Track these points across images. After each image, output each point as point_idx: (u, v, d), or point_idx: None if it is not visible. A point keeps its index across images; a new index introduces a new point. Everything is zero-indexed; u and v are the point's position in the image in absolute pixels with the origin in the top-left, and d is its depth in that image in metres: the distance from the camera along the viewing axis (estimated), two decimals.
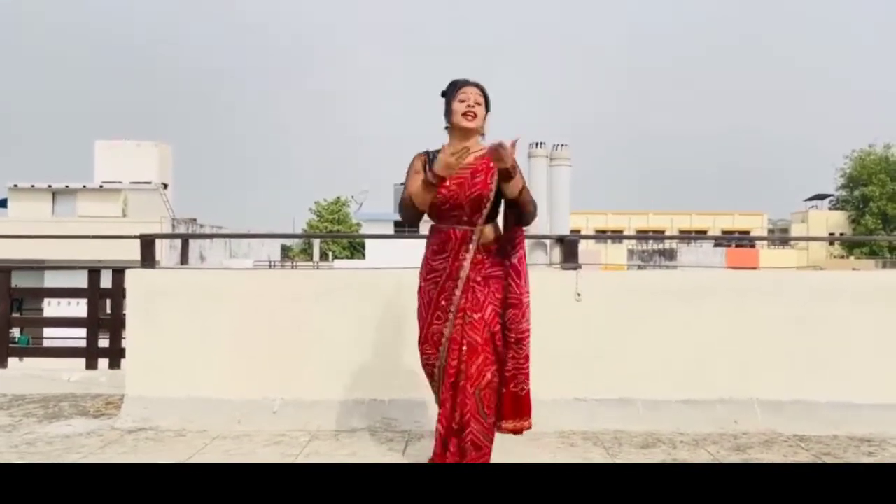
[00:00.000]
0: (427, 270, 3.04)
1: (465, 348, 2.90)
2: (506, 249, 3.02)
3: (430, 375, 3.10)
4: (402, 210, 2.99)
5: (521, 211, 2.94)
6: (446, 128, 3.02)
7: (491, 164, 2.87)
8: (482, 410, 2.87)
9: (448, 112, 2.98)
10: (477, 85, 2.98)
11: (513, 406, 2.98)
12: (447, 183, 2.88)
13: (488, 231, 2.97)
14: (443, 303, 2.96)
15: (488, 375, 2.88)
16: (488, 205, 2.92)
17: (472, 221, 2.94)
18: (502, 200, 3.00)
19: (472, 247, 2.93)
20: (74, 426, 4.07)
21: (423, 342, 3.08)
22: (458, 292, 2.92)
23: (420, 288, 3.10)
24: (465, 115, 2.91)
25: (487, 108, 2.99)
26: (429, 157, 2.97)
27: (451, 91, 2.98)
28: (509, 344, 2.97)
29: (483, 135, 3.02)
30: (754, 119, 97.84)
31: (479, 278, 2.94)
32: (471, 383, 2.88)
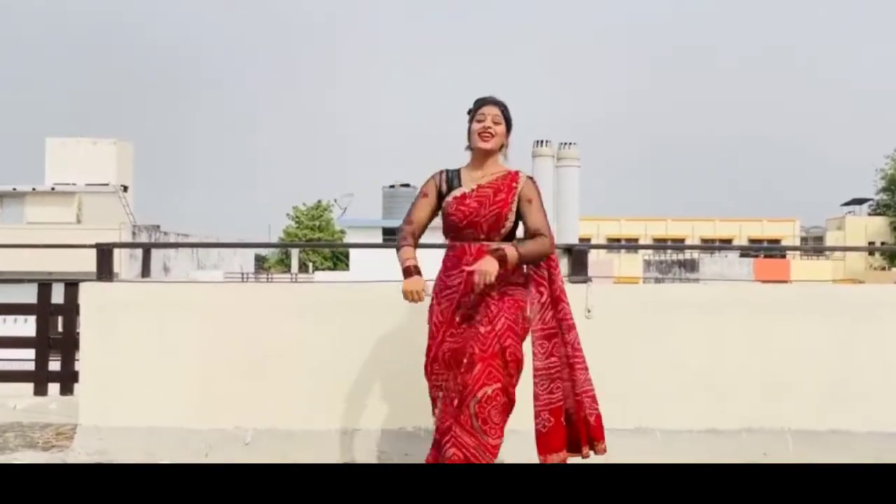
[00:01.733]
0: (441, 287, 3.22)
1: (465, 360, 3.04)
2: (540, 270, 3.27)
3: (435, 399, 3.20)
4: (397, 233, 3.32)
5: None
6: (467, 148, 3.27)
7: (514, 184, 3.18)
8: (475, 424, 2.97)
9: (468, 133, 3.24)
10: (497, 104, 3.22)
11: (588, 432, 3.24)
12: (466, 200, 3.16)
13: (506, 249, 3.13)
14: (457, 319, 3.14)
15: (489, 391, 2.98)
16: (507, 224, 3.16)
17: (490, 238, 3.16)
18: (521, 224, 3.26)
19: None
20: (21, 460, 4.05)
21: (432, 361, 3.20)
22: (472, 305, 3.11)
23: (431, 306, 3.26)
24: (481, 135, 3.16)
25: (509, 127, 3.26)
26: (447, 177, 3.27)
27: (472, 112, 3.24)
28: (576, 367, 3.24)
29: (504, 153, 3.29)
30: (785, 116, 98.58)
31: (494, 294, 3.09)
32: (467, 392, 3.00)
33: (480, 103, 3.24)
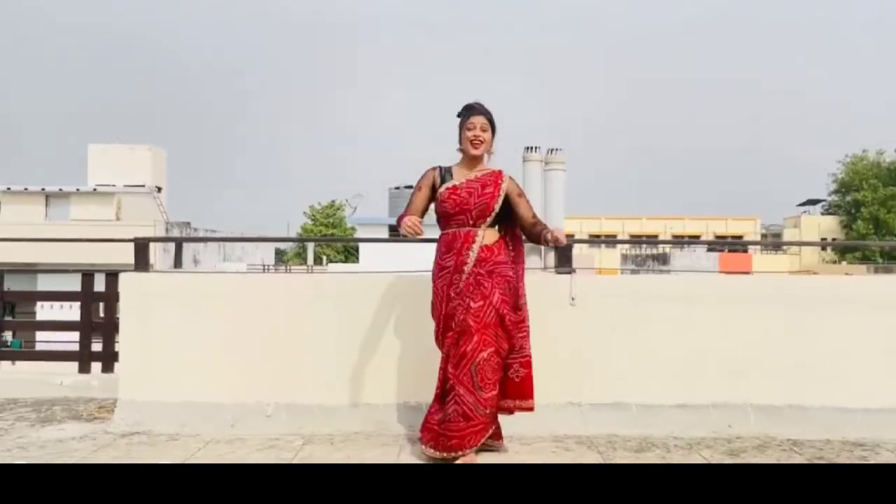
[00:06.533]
0: (438, 269, 3.43)
1: (459, 330, 3.27)
2: (517, 254, 3.53)
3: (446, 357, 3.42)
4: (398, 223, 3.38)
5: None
6: (458, 149, 3.45)
7: (500, 181, 3.40)
8: (475, 382, 3.21)
9: (460, 138, 3.43)
10: (484, 113, 3.40)
11: (516, 388, 3.44)
12: (457, 191, 3.37)
13: (490, 233, 3.43)
14: (452, 294, 3.35)
15: (484, 355, 3.22)
16: (492, 213, 3.38)
17: (476, 224, 3.39)
18: (512, 214, 3.49)
19: (475, 245, 3.35)
20: (67, 430, 4.05)
21: (441, 333, 3.42)
22: (462, 283, 3.31)
23: (434, 286, 3.46)
24: (472, 143, 3.37)
25: (494, 131, 3.45)
26: (440, 173, 3.45)
27: (462, 119, 3.42)
28: (515, 336, 3.39)
29: (490, 155, 3.49)
30: (748, 123, 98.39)
31: (482, 271, 3.33)
32: (466, 359, 3.23)
33: (469, 112, 3.41)
